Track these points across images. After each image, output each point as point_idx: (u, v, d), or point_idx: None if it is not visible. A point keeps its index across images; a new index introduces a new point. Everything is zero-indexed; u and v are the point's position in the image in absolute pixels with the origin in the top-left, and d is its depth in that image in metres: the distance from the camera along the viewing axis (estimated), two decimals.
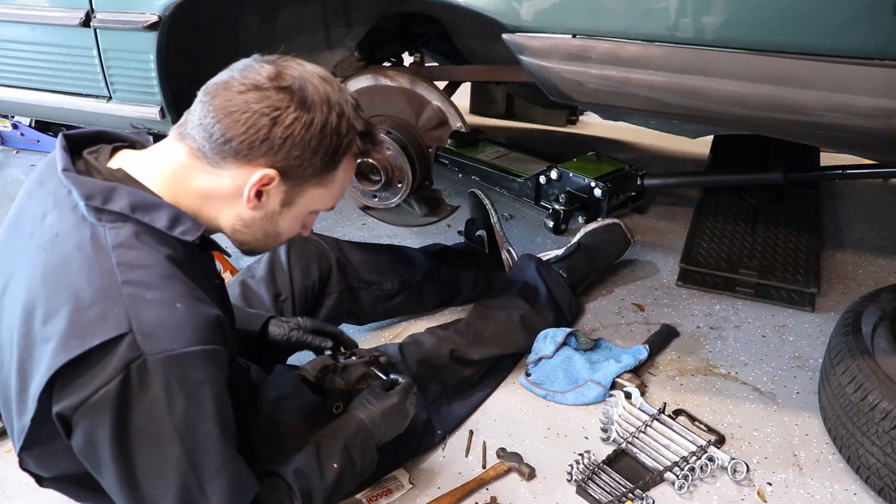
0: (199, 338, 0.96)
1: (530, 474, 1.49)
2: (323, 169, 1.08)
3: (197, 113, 1.04)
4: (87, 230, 0.99)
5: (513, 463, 1.51)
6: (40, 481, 1.14)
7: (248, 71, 1.03)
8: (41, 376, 0.94)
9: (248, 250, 1.18)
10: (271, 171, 1.04)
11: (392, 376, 1.40)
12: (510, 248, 2.18)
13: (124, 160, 1.09)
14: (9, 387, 1.03)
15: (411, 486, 1.48)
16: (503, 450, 1.56)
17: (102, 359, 0.92)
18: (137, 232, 1.00)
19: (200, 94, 1.05)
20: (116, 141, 1.14)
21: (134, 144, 1.15)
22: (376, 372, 1.42)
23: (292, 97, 1.02)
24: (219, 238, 1.17)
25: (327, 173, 1.09)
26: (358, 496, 1.44)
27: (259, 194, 1.06)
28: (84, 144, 1.11)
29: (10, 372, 1.02)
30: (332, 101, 1.05)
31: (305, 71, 1.05)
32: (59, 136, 1.08)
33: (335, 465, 1.18)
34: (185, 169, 1.07)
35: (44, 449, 1.06)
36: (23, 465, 1.10)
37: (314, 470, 1.16)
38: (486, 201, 2.20)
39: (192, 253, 1.07)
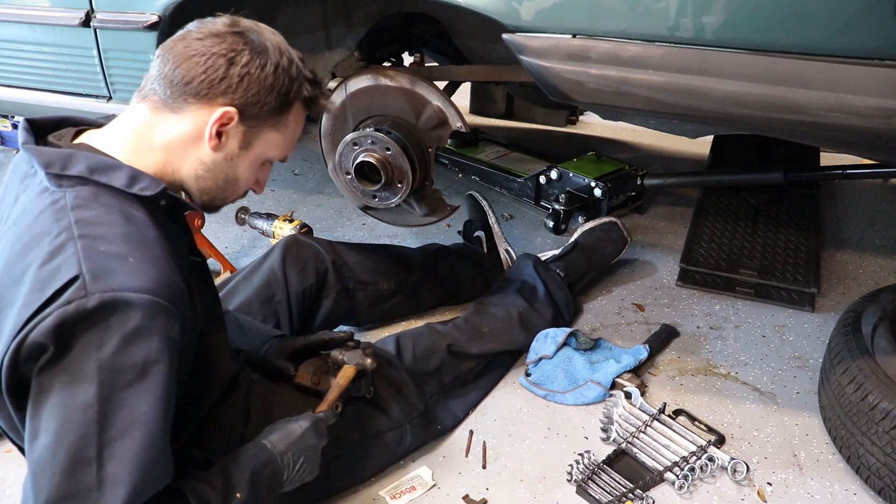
0: (146, 288, 0.95)
1: (373, 362, 1.41)
2: (277, 110, 1.13)
3: (155, 67, 1.10)
4: (48, 197, 1.02)
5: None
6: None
7: (203, 23, 1.11)
8: (6, 338, 0.94)
9: (209, 200, 1.19)
10: (231, 109, 1.09)
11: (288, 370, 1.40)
12: (509, 248, 2.18)
13: (88, 137, 1.14)
14: None
15: (434, 483, 1.48)
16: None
17: (54, 302, 0.92)
18: (97, 193, 1.03)
19: (158, 51, 1.11)
20: (82, 124, 1.18)
21: (101, 126, 1.18)
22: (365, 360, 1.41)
23: (247, 41, 1.09)
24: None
25: (280, 115, 1.15)
26: (381, 493, 1.45)
27: (220, 135, 1.11)
28: (49, 130, 1.15)
29: None
30: (283, 49, 1.13)
31: (257, 24, 1.13)
32: (22, 119, 1.12)
33: (238, 496, 1.08)
34: (147, 125, 1.11)
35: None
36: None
37: (218, 497, 1.06)
38: (484, 202, 2.20)
39: (158, 218, 1.08)
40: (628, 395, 1.65)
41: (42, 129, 1.14)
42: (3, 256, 1.03)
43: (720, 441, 1.58)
